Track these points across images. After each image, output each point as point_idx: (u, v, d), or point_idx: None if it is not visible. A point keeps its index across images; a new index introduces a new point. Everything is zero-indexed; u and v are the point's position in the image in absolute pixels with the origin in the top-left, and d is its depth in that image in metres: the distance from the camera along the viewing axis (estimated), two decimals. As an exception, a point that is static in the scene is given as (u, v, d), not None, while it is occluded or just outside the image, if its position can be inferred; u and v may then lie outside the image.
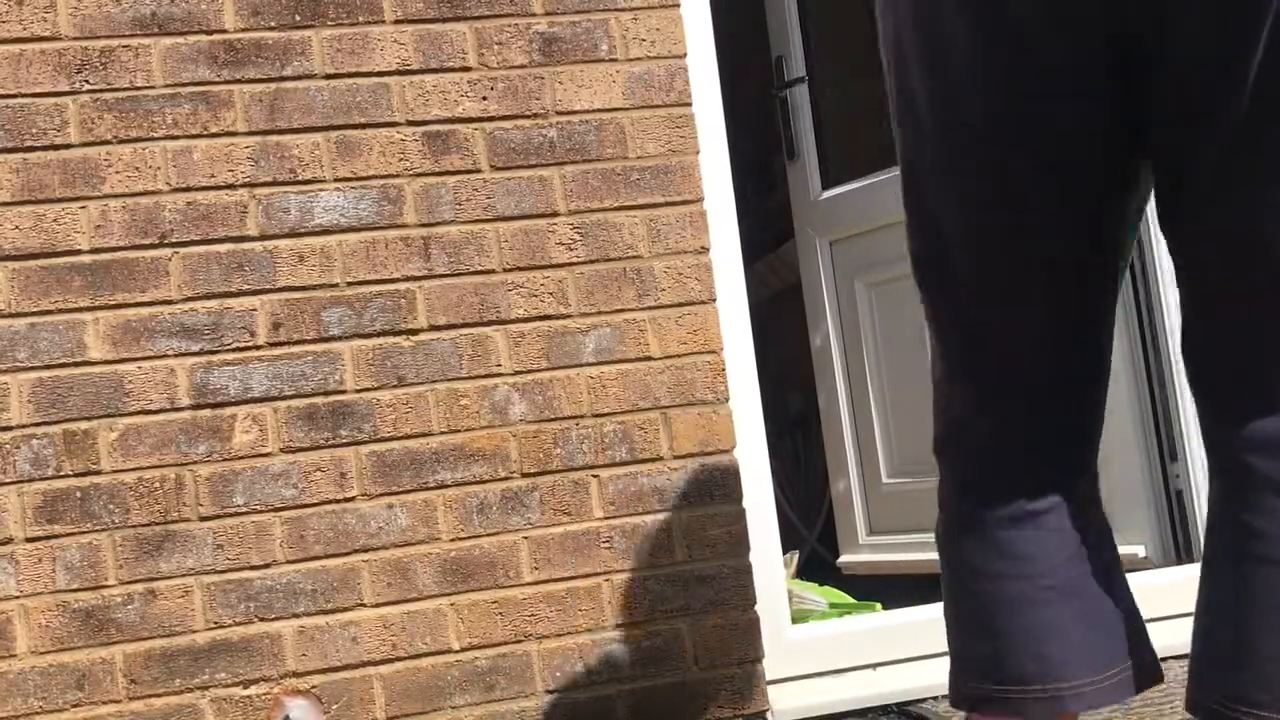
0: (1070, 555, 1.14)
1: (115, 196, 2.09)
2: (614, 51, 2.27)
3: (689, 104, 2.28)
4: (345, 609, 2.09)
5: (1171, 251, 1.11)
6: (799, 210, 3.37)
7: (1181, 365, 2.33)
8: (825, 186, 3.28)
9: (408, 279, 2.17)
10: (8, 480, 2.01)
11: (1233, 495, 1.06)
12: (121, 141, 2.10)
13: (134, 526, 2.04)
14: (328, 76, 2.18)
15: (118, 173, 2.10)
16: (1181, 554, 2.59)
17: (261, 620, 2.06)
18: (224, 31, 2.15)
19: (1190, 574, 2.52)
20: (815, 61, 3.31)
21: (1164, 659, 2.50)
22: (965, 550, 1.16)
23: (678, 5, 2.31)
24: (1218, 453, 1.10)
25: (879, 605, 2.65)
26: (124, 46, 2.12)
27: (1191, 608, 2.63)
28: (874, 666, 2.35)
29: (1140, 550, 2.60)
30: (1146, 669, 1.16)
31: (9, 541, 2.00)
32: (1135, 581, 2.53)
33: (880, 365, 3.17)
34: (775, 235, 3.84)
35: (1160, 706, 2.07)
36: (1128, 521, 2.60)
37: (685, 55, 2.30)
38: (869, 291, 3.20)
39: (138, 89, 2.11)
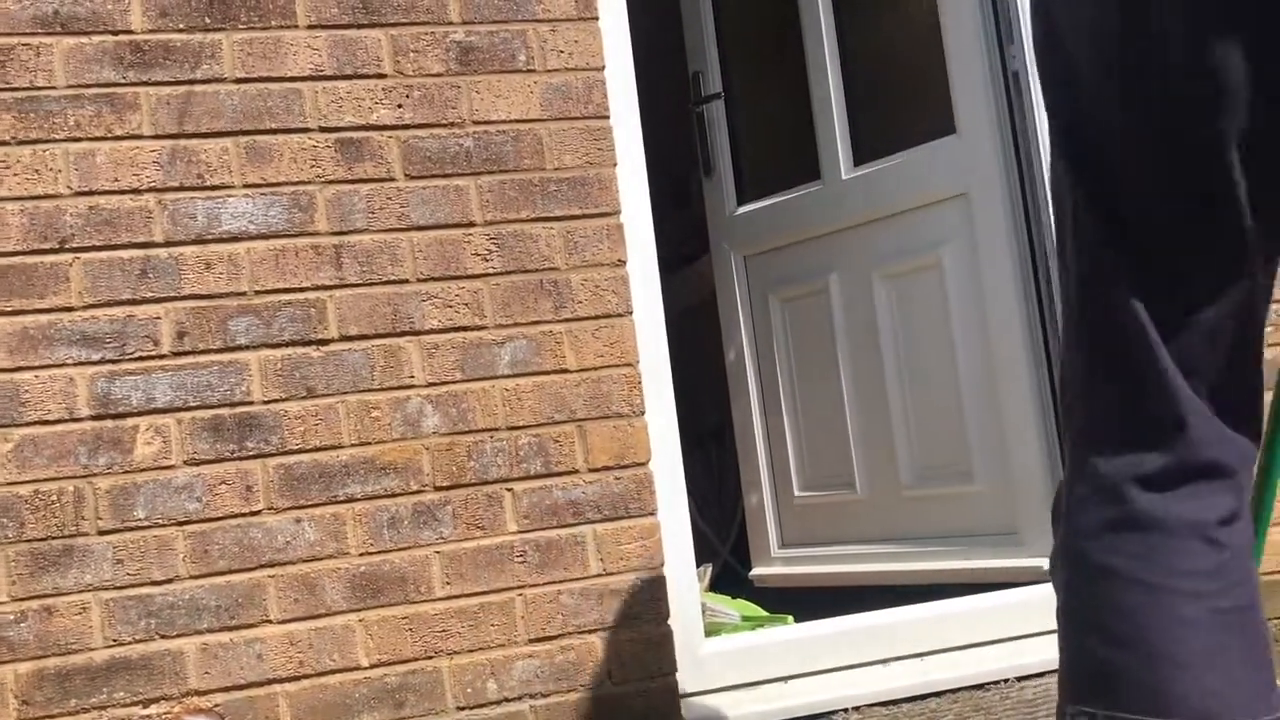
0: (1243, 576, 0.99)
1: (13, 199, 2.02)
2: (532, 62, 2.26)
3: (607, 116, 2.29)
4: (250, 625, 2.04)
5: None
6: (714, 225, 3.39)
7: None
8: (741, 202, 3.31)
9: (318, 288, 2.13)
10: (-107, 493, 1.93)
11: None
12: (20, 143, 2.03)
13: (29, 541, 1.97)
14: (238, 80, 2.13)
15: (15, 175, 2.03)
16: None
17: (163, 637, 2.00)
18: (130, 32, 2.09)
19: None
20: (732, 78, 3.34)
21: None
22: (1121, 553, 0.98)
23: (596, 18, 2.31)
24: None
25: (791, 618, 2.66)
26: (24, 45, 2.05)
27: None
28: (786, 679, 2.36)
29: (1047, 563, 2.65)
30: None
31: (-106, 557, 1.92)
32: (1041, 593, 2.57)
33: (793, 380, 3.20)
34: (691, 249, 3.86)
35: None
36: (1035, 534, 2.65)
37: (603, 68, 2.30)
38: (782, 306, 3.23)
39: (38, 89, 2.05)
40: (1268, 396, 1.10)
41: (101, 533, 2.00)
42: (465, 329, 2.18)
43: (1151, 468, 1.00)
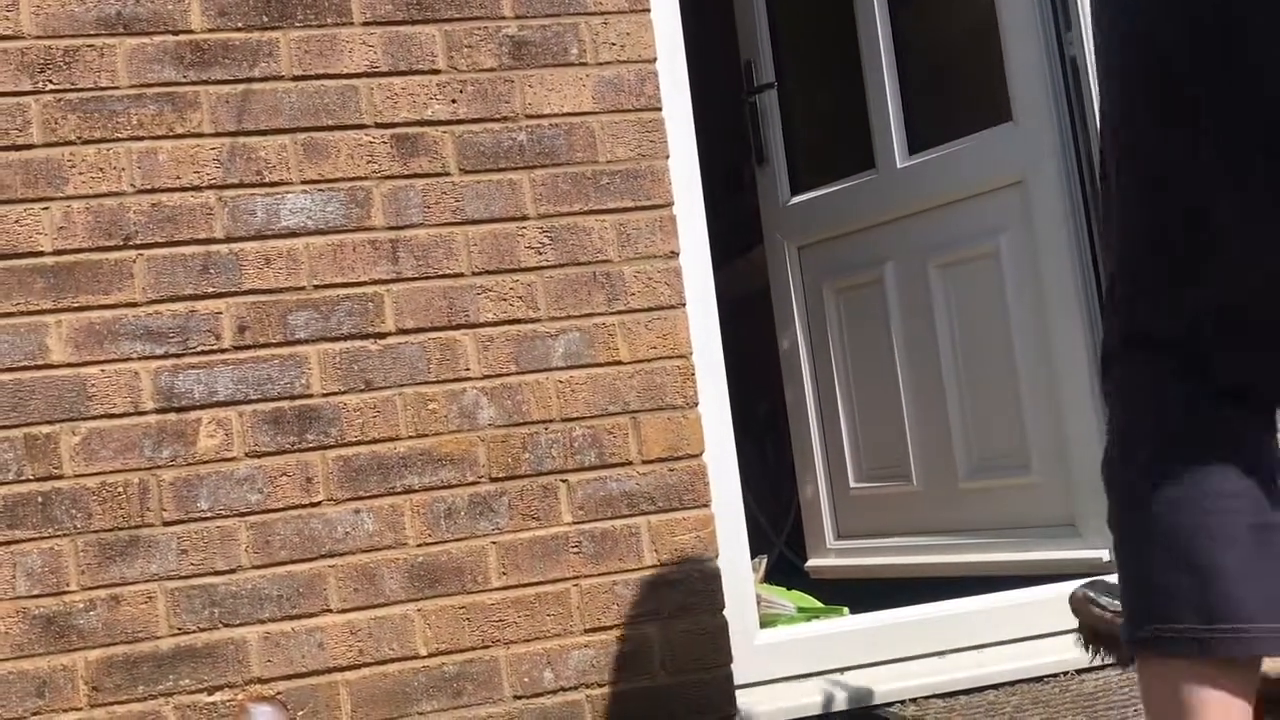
0: (1269, 494, 1.09)
1: (79, 198, 2.07)
2: (584, 55, 2.27)
3: (659, 108, 2.29)
4: (311, 615, 2.07)
5: None
6: (768, 215, 3.38)
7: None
8: (794, 192, 3.29)
9: (375, 282, 2.16)
10: (-33, 485, 1.98)
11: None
12: (85, 142, 2.08)
13: (96, 531, 2.02)
14: (295, 78, 2.16)
15: (81, 174, 2.07)
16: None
17: (226, 626, 2.04)
18: (190, 32, 2.13)
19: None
20: (785, 67, 3.33)
21: (1128, 662, 2.49)
22: (1169, 484, 1.09)
23: (648, 10, 2.31)
24: None
25: (846, 609, 2.66)
26: (88, 46, 2.09)
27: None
28: (841, 670, 2.36)
29: (1105, 554, 2.62)
30: None
31: (-32, 547, 1.97)
32: (1100, 585, 2.52)
33: (848, 370, 3.18)
34: (744, 239, 3.85)
35: (1124, 710, 2.09)
36: (1092, 526, 2.62)
37: (655, 59, 2.30)
38: (837, 297, 3.21)
39: (102, 89, 2.09)
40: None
41: (166, 524, 2.04)
42: (519, 321, 2.20)
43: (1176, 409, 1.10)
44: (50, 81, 2.07)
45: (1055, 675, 2.36)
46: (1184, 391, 1.10)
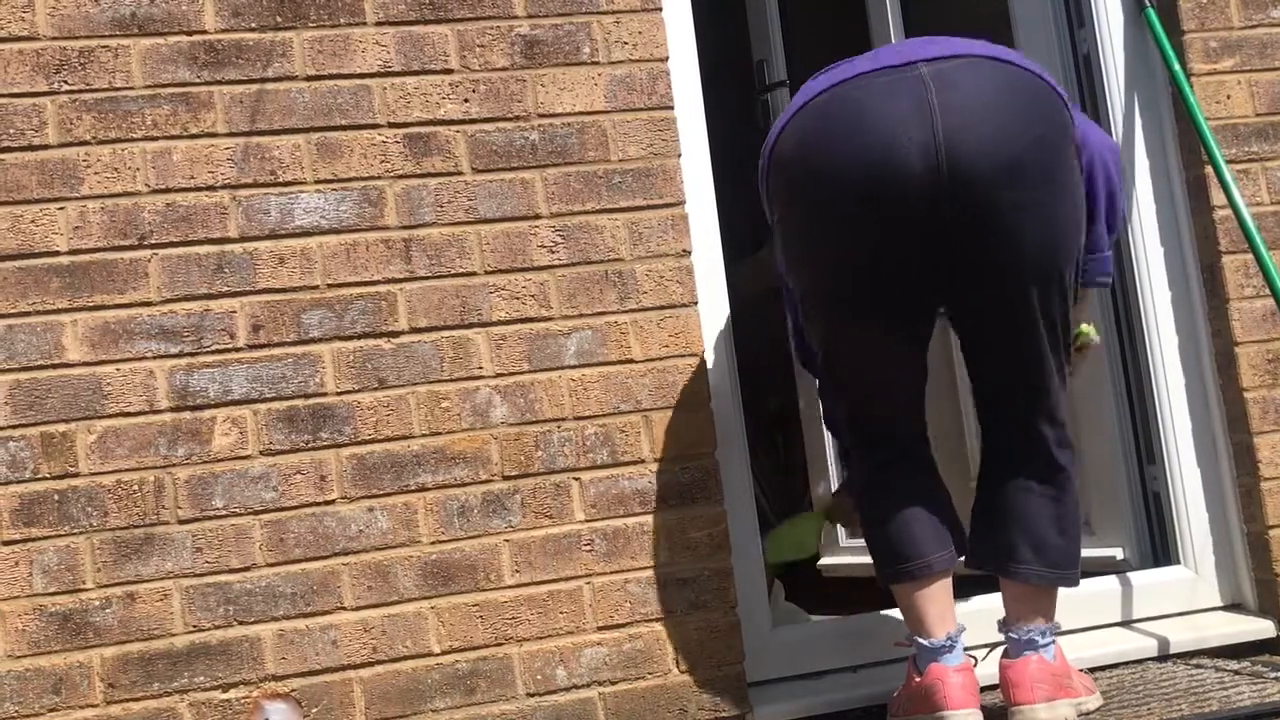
0: (924, 490, 2.07)
1: (94, 197, 2.08)
2: (596, 54, 2.27)
3: (670, 107, 2.29)
4: (325, 612, 2.08)
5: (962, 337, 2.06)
6: (780, 213, 3.37)
7: (1161, 374, 2.42)
8: (806, 190, 3.28)
9: (389, 281, 2.16)
10: (-16, 483, 2.00)
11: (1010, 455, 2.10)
12: (100, 142, 2.09)
13: (112, 529, 2.03)
14: (309, 78, 2.17)
15: (96, 174, 2.08)
16: (1159, 556, 2.61)
17: (241, 623, 2.05)
18: (204, 32, 2.14)
19: (1169, 576, 2.53)
20: (796, 65, 3.33)
21: (1141, 660, 2.51)
22: (873, 502, 2.08)
23: (659, 9, 2.31)
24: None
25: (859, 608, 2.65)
26: (103, 47, 2.11)
27: (1170, 609, 2.65)
28: (854, 669, 2.36)
29: (1118, 553, 2.62)
30: (959, 551, 2.07)
31: (-15, 545, 1.99)
32: (1112, 584, 2.53)
33: (860, 368, 3.17)
34: (756, 237, 3.85)
35: (1137, 709, 2.09)
36: (1107, 524, 2.61)
37: (667, 58, 2.30)
38: (849, 294, 3.19)
39: (117, 90, 2.10)
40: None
41: (181, 521, 2.05)
42: (532, 320, 2.20)
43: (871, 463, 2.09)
44: (65, 82, 2.08)
45: (1068, 673, 2.35)
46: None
